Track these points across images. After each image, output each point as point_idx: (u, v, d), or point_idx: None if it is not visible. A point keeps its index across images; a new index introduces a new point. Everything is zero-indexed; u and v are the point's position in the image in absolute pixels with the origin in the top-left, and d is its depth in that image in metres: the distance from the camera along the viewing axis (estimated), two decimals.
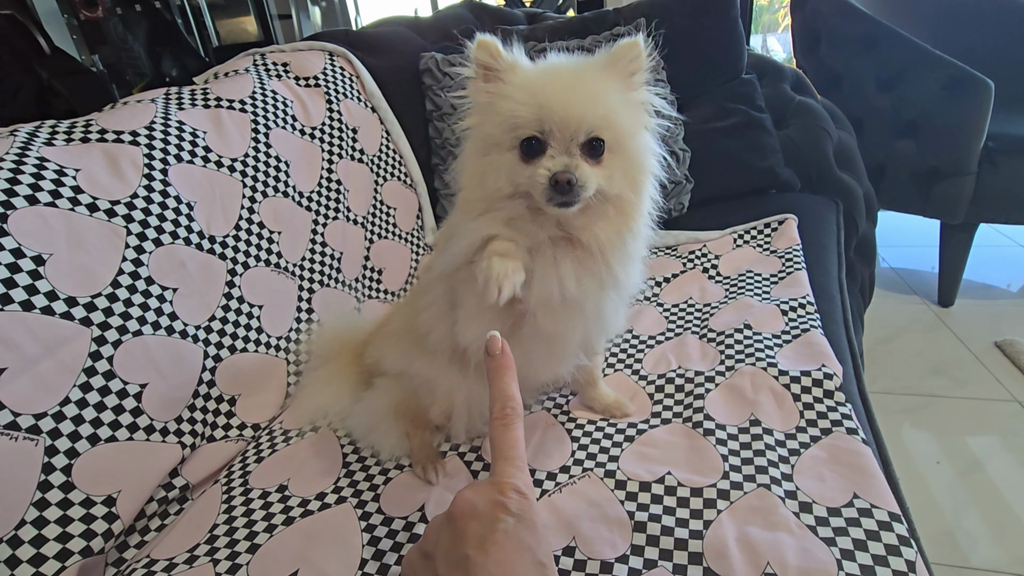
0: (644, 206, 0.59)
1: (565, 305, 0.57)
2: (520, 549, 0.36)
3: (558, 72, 0.56)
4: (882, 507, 0.54)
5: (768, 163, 1.34)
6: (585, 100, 0.53)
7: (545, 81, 0.55)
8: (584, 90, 0.54)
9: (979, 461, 1.26)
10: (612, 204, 0.56)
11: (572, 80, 0.55)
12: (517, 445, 0.41)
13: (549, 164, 0.52)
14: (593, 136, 0.53)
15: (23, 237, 0.62)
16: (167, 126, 0.83)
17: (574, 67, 0.57)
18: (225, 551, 0.59)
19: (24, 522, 0.56)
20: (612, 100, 0.55)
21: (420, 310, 0.68)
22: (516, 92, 0.54)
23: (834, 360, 0.74)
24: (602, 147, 0.54)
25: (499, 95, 0.55)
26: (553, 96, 0.53)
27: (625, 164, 0.56)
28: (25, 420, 0.57)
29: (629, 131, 0.56)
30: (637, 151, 0.57)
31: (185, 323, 0.75)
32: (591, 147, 0.54)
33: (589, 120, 0.53)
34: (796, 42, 2.07)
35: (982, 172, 1.63)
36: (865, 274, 1.46)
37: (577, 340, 0.63)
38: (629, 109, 0.57)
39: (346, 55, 1.22)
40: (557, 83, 0.54)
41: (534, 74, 0.56)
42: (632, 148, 0.56)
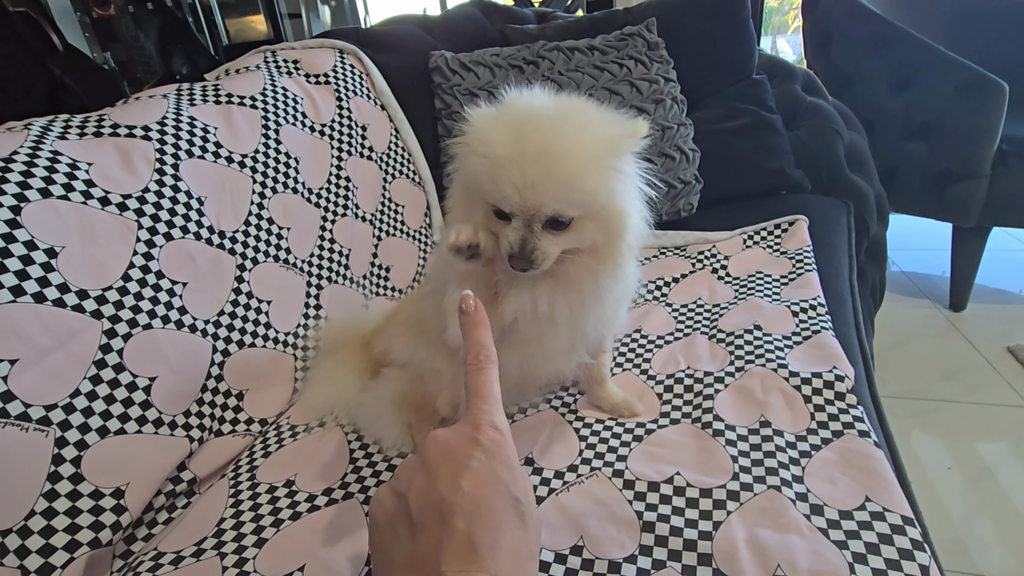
0: (623, 251, 0.56)
1: (540, 319, 0.57)
2: (494, 484, 0.35)
3: (524, 141, 0.50)
4: (895, 511, 0.53)
5: (778, 164, 1.33)
6: (548, 185, 0.49)
7: (509, 150, 0.50)
8: (550, 172, 0.49)
9: (990, 467, 1.24)
10: (587, 252, 0.55)
11: (536, 157, 0.49)
12: (491, 386, 0.40)
13: (511, 238, 0.52)
14: (555, 217, 0.51)
15: (36, 230, 0.62)
16: (179, 121, 0.83)
17: (545, 134, 0.50)
18: (232, 545, 0.59)
19: (34, 512, 0.56)
20: (582, 178, 0.50)
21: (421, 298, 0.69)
22: (479, 160, 0.52)
23: (846, 362, 0.73)
24: (568, 222, 0.52)
25: (469, 152, 0.54)
26: (513, 174, 0.49)
27: (598, 224, 0.53)
28: (36, 411, 0.58)
29: (601, 201, 0.52)
30: (613, 213, 0.53)
31: (194, 317, 0.75)
32: (556, 222, 0.52)
33: (550, 207, 0.50)
34: (807, 43, 2.05)
35: (995, 175, 1.62)
36: (876, 277, 1.45)
37: (563, 346, 0.63)
38: (604, 178, 0.52)
39: (356, 53, 1.22)
40: (521, 155, 0.50)
41: (501, 134, 0.51)
42: (606, 211, 0.53)
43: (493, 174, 0.51)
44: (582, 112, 0.54)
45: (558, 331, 0.60)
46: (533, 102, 0.54)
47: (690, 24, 1.42)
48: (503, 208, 0.52)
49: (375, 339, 0.80)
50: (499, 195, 0.51)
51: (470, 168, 0.54)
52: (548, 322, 0.58)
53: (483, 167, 0.51)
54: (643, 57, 1.33)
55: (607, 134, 0.53)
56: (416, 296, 0.77)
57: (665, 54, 1.35)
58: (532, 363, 0.65)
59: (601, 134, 0.52)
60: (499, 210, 0.53)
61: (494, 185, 0.51)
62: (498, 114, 0.54)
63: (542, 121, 0.51)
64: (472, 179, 0.54)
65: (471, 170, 0.54)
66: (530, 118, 0.52)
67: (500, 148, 0.50)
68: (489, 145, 0.51)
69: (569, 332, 0.61)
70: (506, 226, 0.53)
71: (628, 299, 0.67)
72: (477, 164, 0.52)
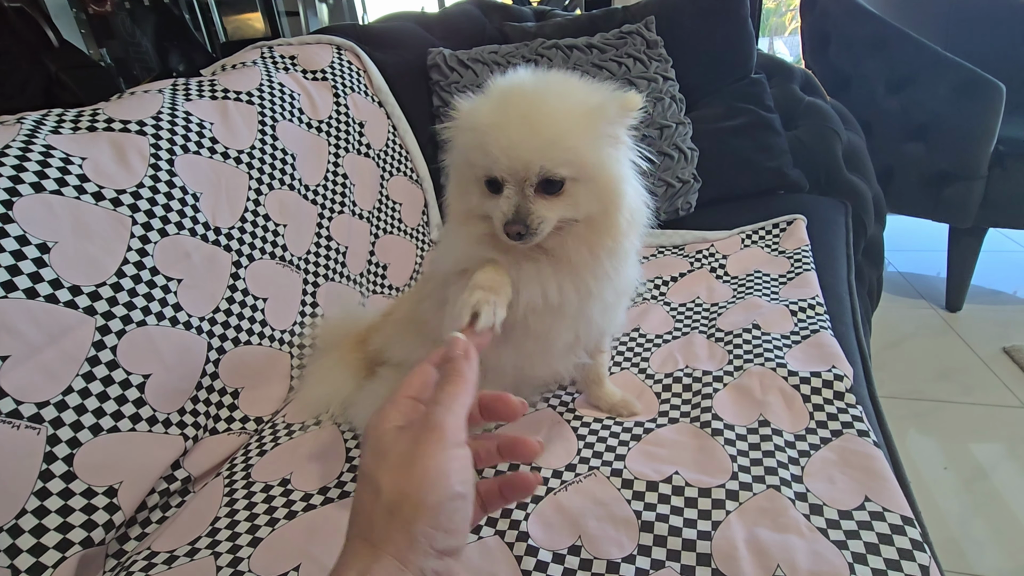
0: (620, 224, 0.56)
1: (550, 309, 0.57)
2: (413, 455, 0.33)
3: (511, 105, 0.52)
4: (894, 511, 0.53)
5: (776, 163, 1.33)
6: (533, 141, 0.50)
7: (493, 117, 0.52)
8: (535, 129, 0.50)
9: (986, 468, 1.24)
10: (583, 223, 0.55)
11: (523, 117, 0.50)
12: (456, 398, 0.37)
13: (504, 207, 0.52)
14: (545, 176, 0.51)
15: (28, 225, 0.61)
16: (174, 116, 0.83)
17: (533, 97, 0.52)
18: (227, 544, 0.59)
19: (25, 511, 0.55)
20: (571, 137, 0.51)
21: (420, 300, 0.68)
22: (466, 134, 0.53)
23: (844, 361, 0.73)
24: (560, 183, 0.52)
25: (456, 130, 0.55)
26: (498, 138, 0.50)
27: (592, 190, 0.53)
28: (27, 408, 0.57)
29: (592, 162, 0.52)
30: (605, 178, 0.53)
31: (189, 314, 0.74)
32: (548, 183, 0.52)
33: (538, 164, 0.50)
34: (805, 43, 2.05)
35: (992, 176, 1.62)
36: (873, 277, 1.45)
37: (567, 341, 0.62)
38: (590, 139, 0.52)
39: (354, 49, 1.21)
40: (505, 121, 0.51)
41: (486, 105, 0.53)
42: (599, 176, 0.53)
43: (480, 142, 0.51)
44: (566, 81, 0.56)
45: (565, 322, 0.59)
46: (516, 76, 0.56)
47: (689, 23, 1.42)
48: (494, 174, 0.52)
49: (371, 337, 0.79)
50: (488, 162, 0.51)
51: (459, 146, 0.55)
52: (556, 313, 0.58)
53: (470, 139, 0.53)
54: (642, 55, 1.33)
55: (592, 100, 0.53)
56: (413, 295, 0.76)
57: (664, 52, 1.35)
58: (530, 363, 0.64)
59: (585, 99, 0.53)
60: (492, 180, 0.53)
61: (482, 153, 0.51)
62: (483, 93, 0.56)
63: (523, 89, 0.53)
64: (462, 156, 0.55)
65: (460, 147, 0.55)
66: (511, 89, 0.54)
67: (485, 116, 0.52)
68: (475, 116, 0.53)
69: (575, 323, 0.60)
70: (497, 199, 0.53)
71: (629, 293, 0.66)
72: (464, 139, 0.54)
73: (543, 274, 0.56)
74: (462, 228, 0.58)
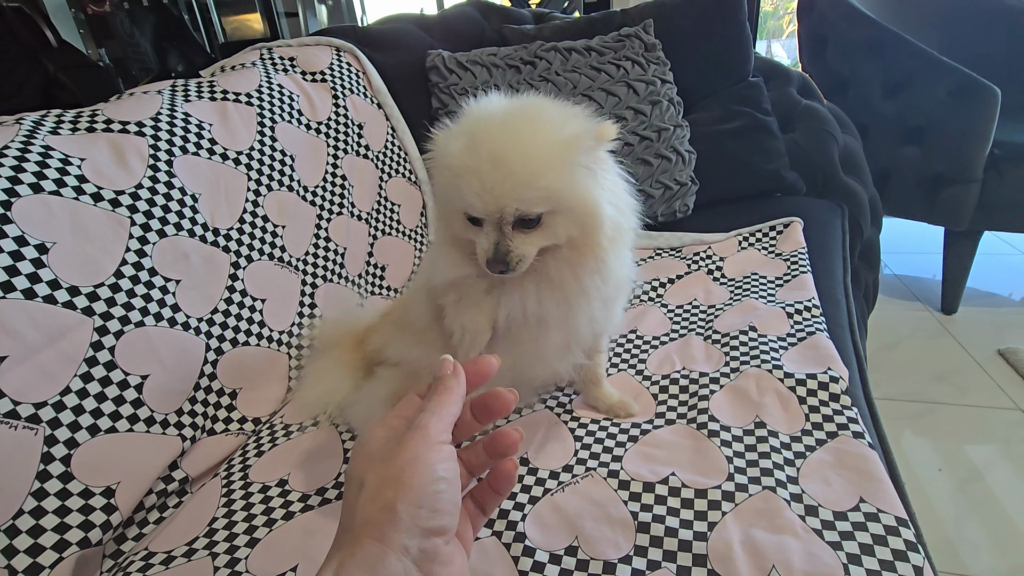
0: (601, 243, 0.55)
1: (534, 320, 0.58)
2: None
3: (483, 145, 0.50)
4: (889, 512, 0.53)
5: (774, 166, 1.34)
6: (506, 187, 0.50)
7: (466, 159, 0.51)
8: (507, 173, 0.50)
9: (981, 469, 1.25)
10: (565, 246, 0.55)
11: (492, 161, 0.50)
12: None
13: (484, 244, 0.53)
14: (521, 216, 0.51)
15: (27, 225, 0.62)
16: (173, 117, 0.83)
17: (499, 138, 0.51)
18: (224, 545, 0.59)
19: (22, 512, 0.55)
20: (543, 176, 0.50)
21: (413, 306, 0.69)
22: (442, 172, 0.54)
23: (840, 363, 0.73)
24: (537, 219, 0.52)
25: (436, 166, 0.55)
26: (472, 184, 0.50)
27: (570, 217, 0.53)
28: (25, 409, 0.57)
29: (568, 195, 0.52)
30: (582, 206, 0.53)
31: (188, 315, 0.74)
32: (524, 221, 0.52)
33: (513, 207, 0.50)
34: (802, 47, 2.06)
35: (987, 179, 1.63)
36: (869, 280, 1.46)
37: (557, 345, 0.63)
38: (563, 174, 0.52)
39: (353, 51, 1.22)
40: (478, 163, 0.50)
41: (459, 144, 0.52)
42: (576, 205, 0.53)
43: (456, 184, 0.52)
44: (537, 113, 0.54)
45: (550, 331, 0.60)
46: (488, 107, 0.55)
47: (687, 26, 1.43)
48: (471, 214, 0.53)
49: (370, 337, 0.79)
50: (464, 203, 0.52)
51: (439, 181, 0.56)
52: (539, 323, 0.59)
53: (447, 178, 0.53)
54: (640, 58, 1.33)
55: (563, 134, 0.52)
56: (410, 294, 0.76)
57: (662, 56, 1.35)
58: (527, 364, 0.65)
59: (557, 134, 0.52)
60: (471, 216, 0.54)
61: (457, 193, 0.52)
62: (456, 126, 0.55)
63: (494, 126, 0.52)
64: (442, 191, 0.56)
65: (440, 183, 0.56)
66: (482, 124, 0.53)
67: (458, 158, 0.52)
68: (449, 156, 0.53)
69: (560, 332, 0.61)
70: (480, 231, 0.54)
71: (622, 298, 0.67)
72: (442, 176, 0.54)
73: (525, 289, 0.57)
74: (450, 249, 0.59)
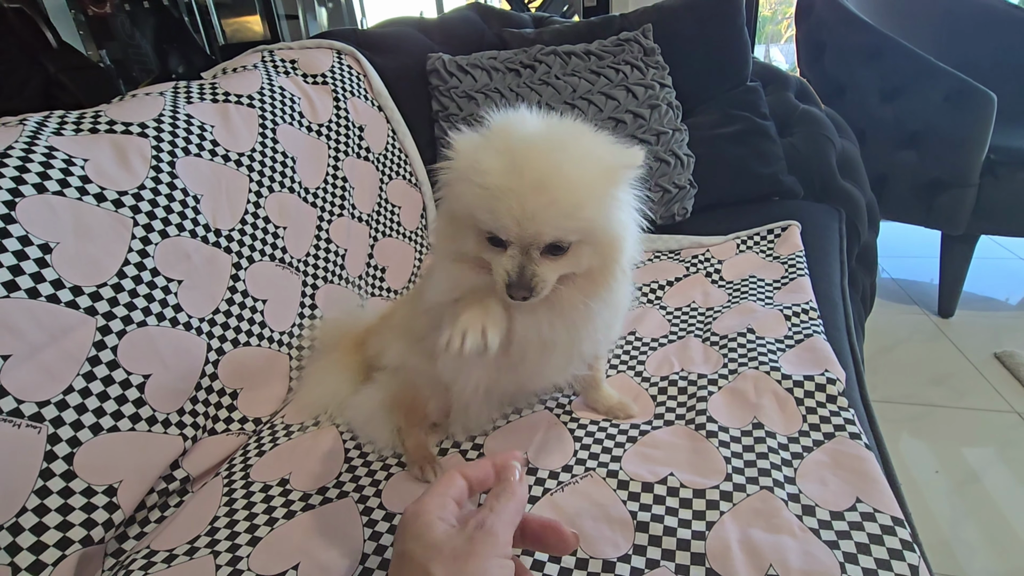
0: (616, 275, 0.56)
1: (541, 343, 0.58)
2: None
3: (524, 167, 0.48)
4: (885, 512, 0.54)
5: (771, 170, 1.35)
6: (547, 212, 0.48)
7: (506, 180, 0.48)
8: (551, 200, 0.48)
9: (977, 472, 1.26)
10: (581, 275, 0.54)
11: (536, 183, 0.48)
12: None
13: (507, 266, 0.50)
14: (554, 243, 0.50)
15: (31, 225, 0.62)
16: (175, 119, 0.83)
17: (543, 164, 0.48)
18: (226, 543, 0.59)
19: (25, 509, 0.55)
20: (582, 206, 0.49)
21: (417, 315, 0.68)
22: (476, 185, 0.49)
23: (837, 365, 0.74)
24: (566, 247, 0.51)
25: (461, 175, 0.51)
26: (512, 205, 0.48)
27: (595, 248, 0.53)
28: (28, 407, 0.57)
29: (600, 227, 0.52)
30: (609, 238, 0.53)
31: (189, 315, 0.75)
32: (555, 247, 0.51)
33: (550, 235, 0.49)
34: (800, 52, 2.08)
35: (984, 184, 1.64)
36: (866, 283, 1.47)
37: (558, 364, 0.63)
38: (603, 206, 0.51)
39: (354, 54, 1.22)
40: (519, 185, 0.48)
41: (498, 162, 0.49)
42: (603, 237, 0.52)
43: (490, 205, 0.49)
44: (579, 139, 0.53)
45: (556, 353, 0.60)
46: (525, 127, 0.52)
47: (686, 30, 1.44)
48: (500, 236, 0.50)
49: (369, 340, 0.80)
50: (496, 224, 0.49)
51: (462, 196, 0.51)
52: (545, 346, 0.59)
53: (478, 196, 0.49)
54: (639, 63, 1.34)
55: (605, 163, 0.52)
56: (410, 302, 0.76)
57: (661, 60, 1.36)
58: (528, 379, 0.66)
59: (599, 163, 0.51)
60: (494, 237, 0.51)
61: (491, 215, 0.49)
62: (488, 140, 0.52)
63: (538, 149, 0.49)
64: (464, 207, 0.51)
65: (464, 199, 0.51)
66: (525, 145, 0.50)
67: (496, 178, 0.48)
68: (484, 174, 0.49)
69: (565, 354, 0.61)
70: (500, 253, 0.51)
71: (621, 318, 0.66)
72: (470, 193, 0.50)
73: (538, 314, 0.56)
74: (452, 266, 0.57)
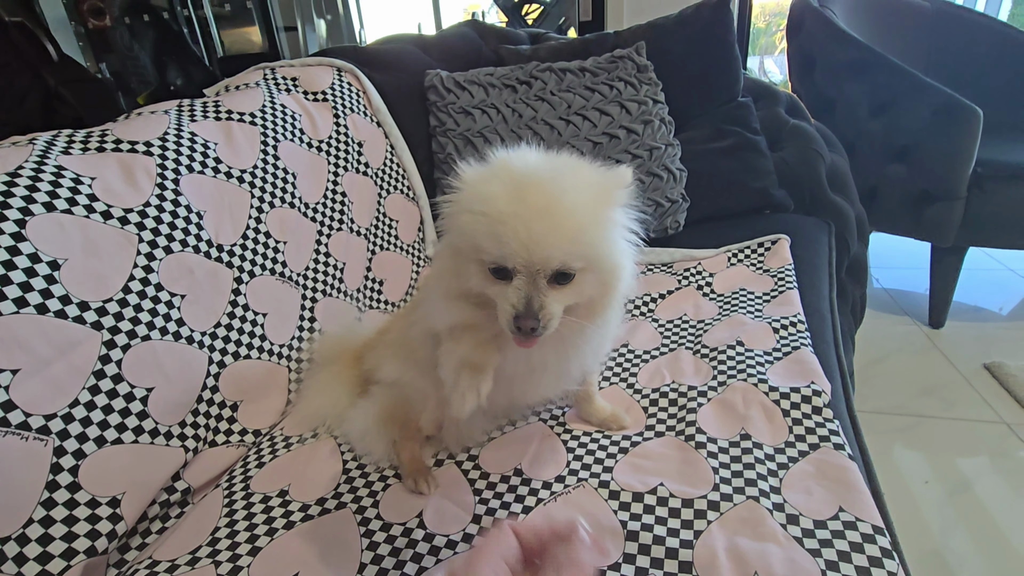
0: (613, 304, 0.57)
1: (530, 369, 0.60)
2: None
3: (528, 194, 0.49)
4: (866, 520, 0.56)
5: (762, 184, 1.38)
6: (554, 236, 0.49)
7: (511, 206, 0.49)
8: (555, 222, 0.49)
9: (967, 482, 1.27)
10: (582, 306, 0.55)
11: (541, 213, 0.49)
12: None
13: (513, 298, 0.50)
14: (561, 270, 0.51)
15: (40, 243, 0.64)
16: (180, 137, 0.86)
17: (547, 191, 0.50)
18: (226, 553, 0.60)
19: (32, 521, 0.57)
20: (587, 229, 0.51)
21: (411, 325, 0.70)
22: (480, 214, 0.50)
23: (823, 377, 0.76)
24: (572, 275, 0.51)
25: (463, 211, 0.52)
26: (519, 230, 0.48)
27: (597, 277, 0.54)
28: (36, 420, 0.59)
29: (604, 253, 0.53)
30: (610, 265, 0.54)
31: (192, 329, 0.76)
32: (561, 275, 0.51)
33: (558, 259, 0.50)
34: (792, 66, 2.12)
35: (971, 197, 1.67)
36: (856, 295, 1.49)
37: (548, 385, 0.66)
38: (604, 230, 0.53)
39: (353, 71, 1.25)
40: (525, 211, 0.49)
41: (502, 191, 0.50)
42: (605, 264, 0.53)
43: (495, 231, 0.49)
44: (577, 168, 0.55)
45: (545, 375, 0.63)
46: (528, 159, 0.54)
47: (678, 48, 1.47)
48: (506, 265, 0.50)
49: (366, 355, 0.82)
50: (502, 252, 0.49)
51: (465, 228, 0.52)
52: (534, 370, 0.61)
53: (482, 225, 0.50)
54: (632, 79, 1.37)
55: (601, 187, 0.53)
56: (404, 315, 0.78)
57: (654, 76, 1.39)
58: (521, 395, 0.68)
59: (595, 187, 0.53)
60: (499, 268, 0.51)
61: (495, 242, 0.49)
62: (492, 172, 0.53)
63: (540, 177, 0.51)
64: (469, 239, 0.52)
65: (467, 230, 0.51)
66: (528, 174, 0.51)
67: (501, 204, 0.49)
68: (488, 202, 0.50)
69: (554, 375, 0.64)
70: (504, 287, 0.51)
71: (611, 340, 0.68)
72: (474, 223, 0.51)
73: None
74: (452, 303, 0.57)
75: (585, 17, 2.69)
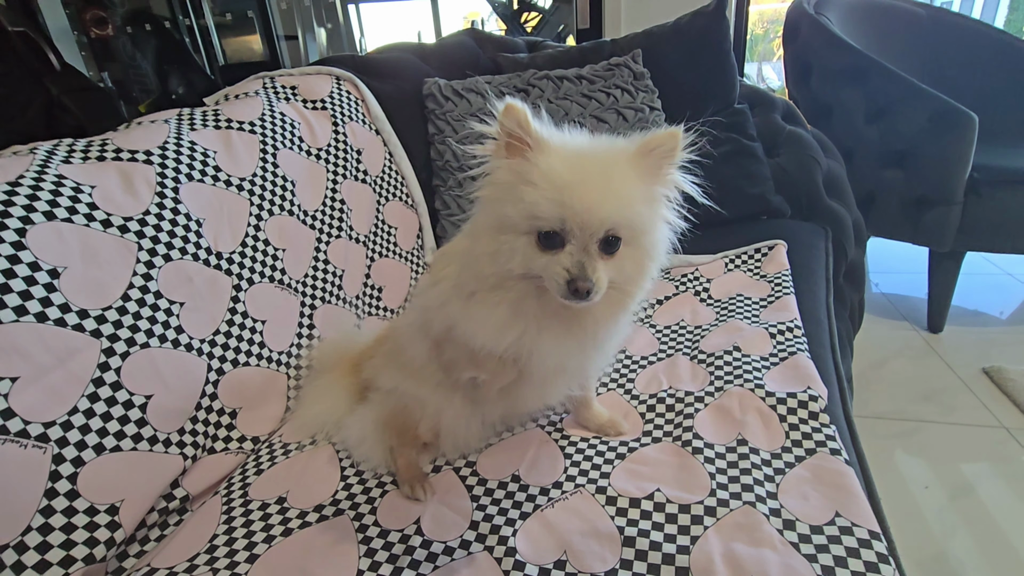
0: (645, 288, 0.60)
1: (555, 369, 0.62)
2: None
3: (585, 164, 0.54)
4: (863, 525, 0.56)
5: (759, 190, 1.38)
6: (610, 200, 0.53)
7: (571, 175, 0.53)
8: (610, 188, 0.53)
9: (967, 486, 1.27)
10: (617, 288, 0.58)
11: (599, 177, 0.54)
12: None
13: (567, 263, 0.53)
14: (612, 234, 0.54)
15: (40, 251, 0.64)
16: (179, 146, 0.86)
17: (602, 159, 0.55)
18: (224, 560, 0.60)
19: (30, 528, 0.57)
20: (637, 198, 0.55)
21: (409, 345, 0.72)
22: (541, 182, 0.53)
23: (819, 383, 0.76)
24: (619, 243, 0.55)
25: (522, 179, 0.54)
26: (579, 194, 0.52)
27: (637, 255, 0.57)
28: (35, 428, 0.59)
29: (648, 227, 0.57)
30: (651, 244, 0.58)
31: (191, 337, 0.77)
32: (608, 242, 0.54)
33: (612, 221, 0.53)
34: (788, 73, 2.13)
35: (968, 202, 1.68)
36: (855, 300, 1.49)
37: (562, 387, 0.68)
38: (651, 205, 0.57)
39: (352, 79, 1.26)
40: (584, 178, 0.53)
41: (560, 162, 0.54)
42: (647, 242, 0.57)
43: (557, 198, 0.52)
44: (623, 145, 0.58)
45: (565, 376, 0.65)
46: (580, 138, 0.59)
47: (674, 55, 1.48)
48: (565, 228, 0.53)
49: (364, 364, 0.82)
50: (562, 214, 0.52)
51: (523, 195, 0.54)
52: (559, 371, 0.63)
53: (545, 192, 0.53)
54: (629, 86, 1.38)
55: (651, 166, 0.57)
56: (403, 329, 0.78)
57: (650, 84, 1.40)
58: (523, 402, 0.69)
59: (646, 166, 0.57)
60: (552, 235, 0.54)
61: (557, 207, 0.52)
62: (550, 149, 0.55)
63: (597, 151, 0.57)
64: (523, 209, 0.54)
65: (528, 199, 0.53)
66: (581, 149, 0.57)
67: (565, 174, 0.53)
68: (552, 168, 0.54)
69: (573, 376, 0.66)
70: (553, 257, 0.54)
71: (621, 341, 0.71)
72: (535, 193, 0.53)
73: (561, 343, 0.60)
74: (493, 295, 0.58)
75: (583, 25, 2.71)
